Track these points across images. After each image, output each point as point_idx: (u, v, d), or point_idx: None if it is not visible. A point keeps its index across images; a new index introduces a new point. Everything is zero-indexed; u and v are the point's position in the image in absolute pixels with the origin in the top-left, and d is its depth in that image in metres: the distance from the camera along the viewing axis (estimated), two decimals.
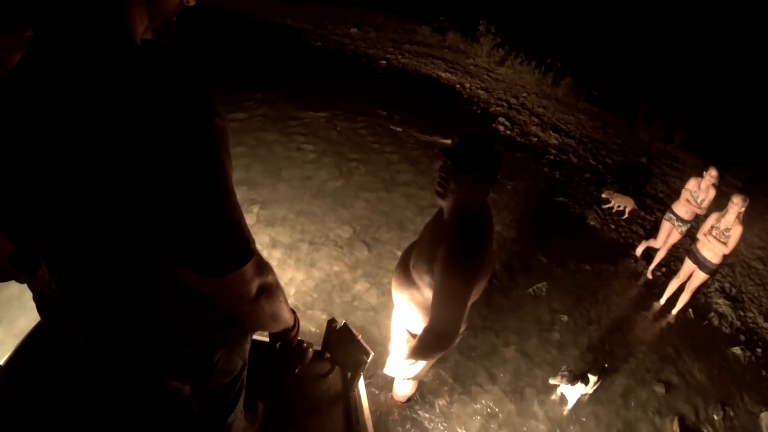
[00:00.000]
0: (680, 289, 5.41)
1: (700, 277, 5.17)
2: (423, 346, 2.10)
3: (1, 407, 2.36)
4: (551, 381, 3.75)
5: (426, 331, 2.07)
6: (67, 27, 0.97)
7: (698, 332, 5.31)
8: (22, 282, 2.30)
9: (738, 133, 12.00)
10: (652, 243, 6.09)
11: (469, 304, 2.15)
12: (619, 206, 6.97)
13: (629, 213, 6.95)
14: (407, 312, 2.38)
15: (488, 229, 2.04)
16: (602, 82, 12.48)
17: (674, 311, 5.39)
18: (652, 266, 5.98)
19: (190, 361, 1.33)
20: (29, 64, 1.04)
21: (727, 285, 6.31)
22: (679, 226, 5.68)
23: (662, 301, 5.50)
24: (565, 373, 3.67)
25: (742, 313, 5.86)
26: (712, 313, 5.65)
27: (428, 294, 2.12)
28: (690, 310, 5.44)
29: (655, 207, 7.59)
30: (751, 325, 5.73)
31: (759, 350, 5.29)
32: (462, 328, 2.35)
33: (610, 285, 5.55)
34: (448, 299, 1.95)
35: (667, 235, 5.84)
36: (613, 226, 6.72)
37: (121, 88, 0.91)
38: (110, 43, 0.97)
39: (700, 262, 5.11)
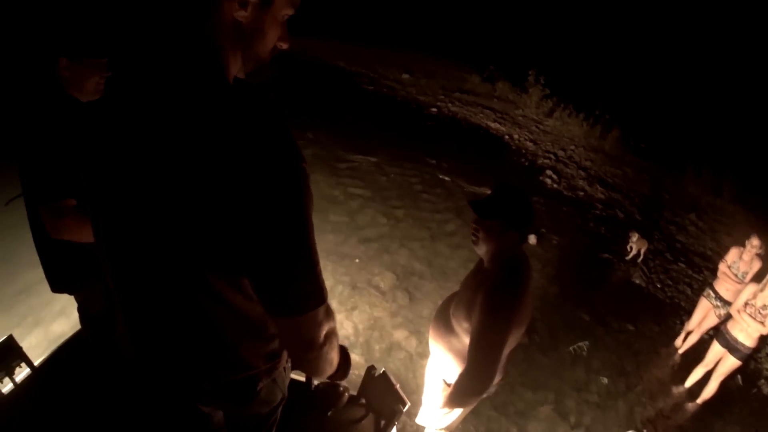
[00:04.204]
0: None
1: (729, 363, 4.47)
2: (458, 392, 2.13)
3: (31, 408, 2.49)
4: None
5: (461, 376, 2.10)
6: (164, 62, 1.04)
7: (747, 400, 5.11)
8: (72, 293, 2.47)
9: None
10: (688, 327, 5.39)
11: (506, 352, 2.19)
12: (632, 248, 6.86)
13: (643, 254, 6.89)
14: (444, 361, 2.43)
15: (526, 276, 2.08)
16: (651, 135, 12.35)
17: (699, 401, 4.73)
18: (683, 348, 5.39)
19: (234, 388, 1.36)
20: (123, 92, 1.09)
21: None
22: (719, 307, 4.99)
23: (686, 385, 4.91)
24: None
25: None
26: (762, 381, 5.43)
27: (467, 341, 2.16)
28: (738, 376, 5.21)
29: (702, 265, 7.42)
30: None
31: None
32: (498, 378, 2.39)
33: (653, 347, 5.46)
34: (484, 344, 1.99)
35: (703, 316, 5.18)
36: (659, 285, 6.61)
37: (218, 126, 0.96)
38: (206, 81, 1.03)
39: (731, 345, 4.41)
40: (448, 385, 2.47)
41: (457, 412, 2.61)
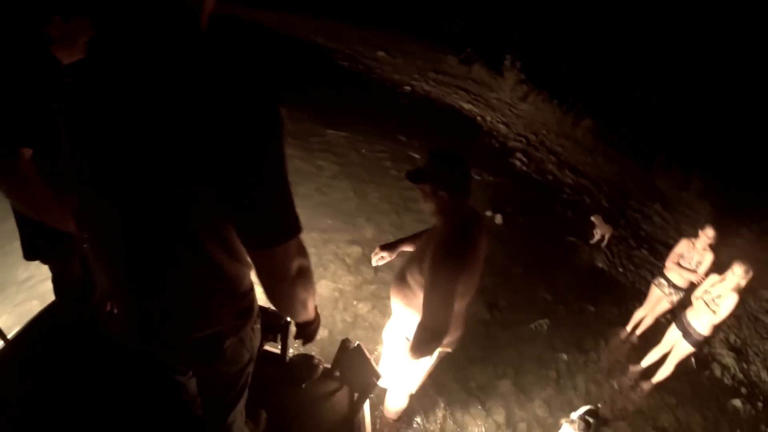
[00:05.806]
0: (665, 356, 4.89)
1: (684, 347, 4.58)
2: (416, 342, 2.21)
3: (5, 382, 2.46)
4: (563, 421, 3.57)
5: (418, 326, 2.19)
6: (147, 15, 1.07)
7: (699, 382, 5.27)
8: (45, 262, 2.44)
9: (756, 184, 11.90)
10: (637, 315, 5.49)
11: (463, 304, 2.36)
12: (597, 232, 7.01)
13: (607, 239, 7.03)
14: (404, 317, 2.50)
15: (472, 230, 2.19)
16: (622, 127, 12.53)
17: (653, 380, 4.83)
18: (639, 330, 5.47)
19: (201, 344, 1.39)
20: (107, 48, 1.13)
21: (732, 337, 6.27)
22: (671, 294, 5.06)
23: (642, 365, 5.02)
24: (581, 421, 3.52)
25: (745, 366, 5.82)
26: (715, 363, 5.61)
27: (422, 295, 2.25)
28: (692, 359, 5.32)
29: (665, 253, 7.49)
30: (753, 378, 5.69)
31: (760, 404, 5.25)
32: (457, 333, 2.51)
33: (612, 328, 5.56)
34: (434, 293, 2.10)
35: (655, 303, 5.28)
36: (621, 270, 6.74)
37: (201, 71, 1.03)
38: (187, 28, 1.09)
39: (686, 330, 4.52)
40: (410, 341, 2.51)
41: (418, 373, 2.68)
